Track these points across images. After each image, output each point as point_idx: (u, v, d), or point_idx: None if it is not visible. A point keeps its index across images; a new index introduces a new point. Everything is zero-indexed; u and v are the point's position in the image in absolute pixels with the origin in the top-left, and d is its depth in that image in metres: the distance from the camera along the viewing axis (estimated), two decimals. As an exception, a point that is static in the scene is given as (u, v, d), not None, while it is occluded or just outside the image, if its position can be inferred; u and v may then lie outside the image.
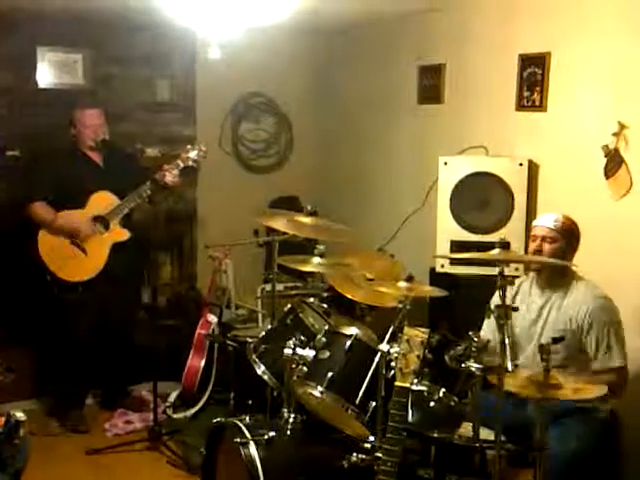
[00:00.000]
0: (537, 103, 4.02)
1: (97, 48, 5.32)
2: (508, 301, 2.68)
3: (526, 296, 3.42)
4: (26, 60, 5.15)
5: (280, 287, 4.98)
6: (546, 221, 3.32)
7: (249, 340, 3.68)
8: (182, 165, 4.56)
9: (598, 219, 3.68)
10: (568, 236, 3.28)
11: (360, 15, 5.02)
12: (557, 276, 3.33)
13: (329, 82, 6.03)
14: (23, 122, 5.14)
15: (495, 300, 2.87)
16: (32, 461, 3.04)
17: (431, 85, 4.84)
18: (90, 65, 5.33)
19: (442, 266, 4.15)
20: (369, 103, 5.52)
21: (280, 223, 3.44)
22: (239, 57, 5.29)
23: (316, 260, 3.39)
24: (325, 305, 3.63)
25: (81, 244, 4.43)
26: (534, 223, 3.42)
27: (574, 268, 3.31)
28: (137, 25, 5.27)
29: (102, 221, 4.47)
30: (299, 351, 3.11)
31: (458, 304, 3.84)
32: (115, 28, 5.29)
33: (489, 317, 2.71)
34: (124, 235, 4.54)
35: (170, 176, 4.48)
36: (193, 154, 4.61)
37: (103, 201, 4.48)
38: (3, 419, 2.86)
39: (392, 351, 2.76)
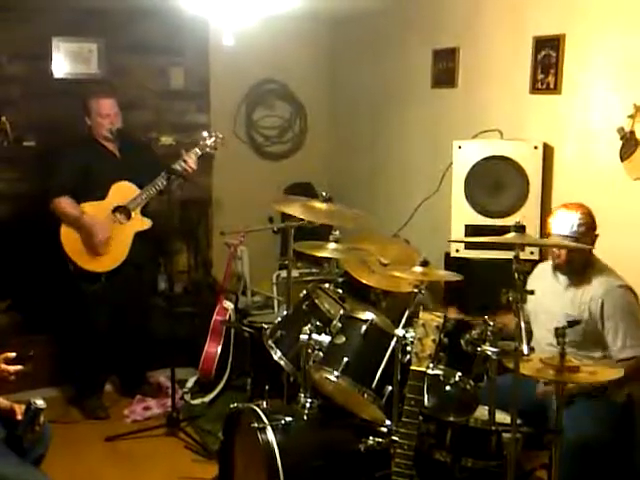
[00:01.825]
0: (552, 86, 4.00)
1: (111, 38, 5.34)
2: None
3: (542, 279, 3.41)
4: (41, 50, 5.18)
5: (295, 273, 5.00)
6: (563, 229, 3.23)
7: (265, 326, 3.71)
8: (200, 153, 4.59)
9: (614, 202, 3.66)
10: (586, 235, 3.22)
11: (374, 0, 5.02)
12: (579, 268, 3.30)
13: (343, 67, 6.02)
14: (38, 112, 5.17)
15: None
16: (53, 448, 3.08)
17: (445, 69, 4.81)
18: (104, 54, 5.35)
19: (457, 251, 4.15)
20: (383, 88, 5.51)
21: (296, 209, 3.45)
22: (252, 44, 5.28)
23: (331, 246, 3.40)
24: (340, 291, 3.64)
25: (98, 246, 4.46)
26: (552, 229, 3.30)
27: (598, 257, 3.30)
28: (151, 14, 5.27)
29: (123, 211, 4.50)
30: (315, 336, 3.13)
31: (473, 288, 3.84)
32: (129, 17, 5.31)
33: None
34: (146, 224, 4.57)
35: (191, 163, 4.50)
36: (210, 141, 4.64)
37: (124, 191, 4.51)
38: (24, 407, 2.89)
39: (408, 336, 2.78)
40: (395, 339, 2.86)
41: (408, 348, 2.73)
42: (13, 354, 2.91)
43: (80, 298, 4.56)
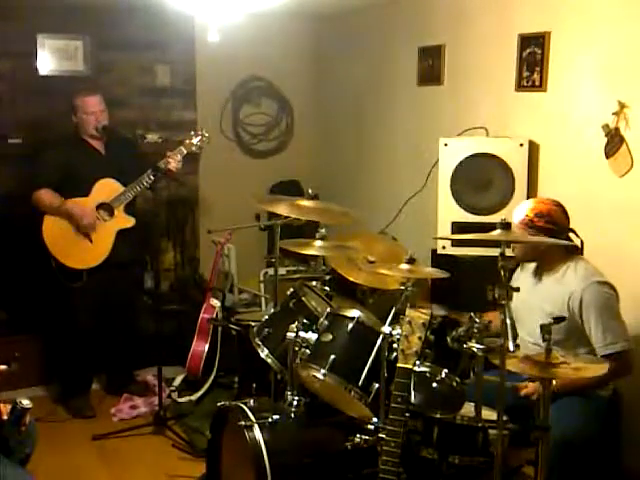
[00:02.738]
0: (537, 83, 4.01)
1: (97, 35, 5.33)
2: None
3: (523, 277, 3.42)
4: (26, 48, 5.15)
5: (282, 271, 5.00)
6: (515, 217, 3.26)
7: (252, 324, 3.71)
8: (185, 152, 4.58)
9: (599, 199, 3.68)
10: (540, 228, 3.19)
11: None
12: (544, 264, 3.32)
13: (329, 65, 6.02)
14: (24, 110, 5.15)
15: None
16: (39, 447, 3.06)
17: (431, 66, 4.82)
18: (90, 52, 5.33)
19: (444, 248, 4.16)
20: (369, 85, 5.51)
21: (282, 208, 3.45)
22: (239, 41, 5.28)
23: (318, 243, 3.40)
24: (327, 288, 3.64)
25: (86, 231, 4.45)
26: None
27: (579, 253, 3.30)
28: (137, 11, 5.26)
29: (106, 208, 4.49)
30: (302, 334, 3.13)
31: (460, 285, 3.86)
32: (115, 14, 5.29)
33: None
34: (129, 222, 4.55)
35: (174, 163, 4.49)
36: (196, 140, 4.63)
37: (107, 188, 4.49)
38: (9, 406, 2.87)
39: (394, 333, 2.78)
40: (382, 336, 2.87)
41: (394, 345, 2.73)
42: None
43: (63, 296, 4.55)
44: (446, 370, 2.81)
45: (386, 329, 2.83)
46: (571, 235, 3.32)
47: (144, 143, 5.34)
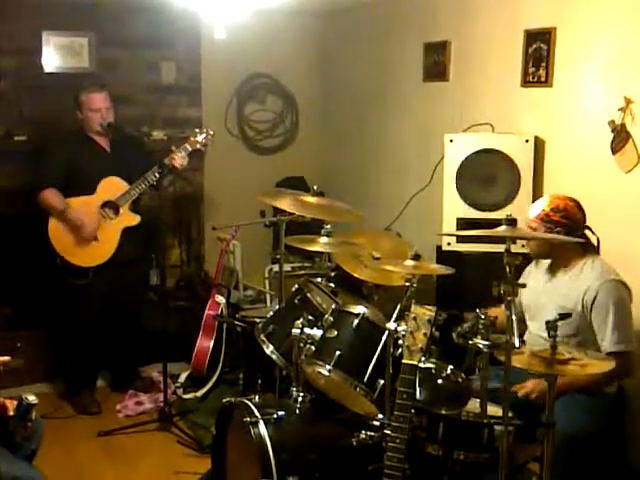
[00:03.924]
0: (543, 79, 4.00)
1: (102, 32, 5.33)
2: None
3: (536, 273, 3.42)
4: (31, 44, 5.15)
5: (287, 267, 5.00)
6: (531, 212, 3.29)
7: (257, 320, 3.71)
8: (190, 149, 4.58)
9: (605, 195, 3.67)
10: (555, 223, 3.22)
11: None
12: (559, 260, 3.32)
13: (334, 62, 6.02)
14: (30, 107, 5.16)
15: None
16: (45, 443, 3.07)
17: (436, 62, 4.81)
18: (95, 49, 5.33)
19: (449, 244, 4.15)
20: (374, 81, 5.51)
21: (286, 203, 3.44)
22: (244, 38, 5.29)
23: (323, 240, 3.40)
24: (332, 284, 3.64)
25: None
26: None
27: (593, 250, 3.30)
28: (142, 8, 5.26)
29: (112, 206, 4.49)
30: (307, 330, 3.12)
31: (465, 282, 3.85)
32: (120, 11, 5.29)
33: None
34: (135, 220, 4.56)
35: (179, 160, 4.49)
36: (201, 138, 4.63)
37: (113, 186, 4.50)
38: (15, 402, 2.88)
39: (399, 329, 2.76)
40: (387, 333, 2.86)
41: (400, 342, 2.73)
42: None
43: (69, 293, 4.56)
44: (451, 366, 2.80)
45: (391, 325, 2.82)
46: (587, 233, 3.32)
47: (149, 140, 5.34)
